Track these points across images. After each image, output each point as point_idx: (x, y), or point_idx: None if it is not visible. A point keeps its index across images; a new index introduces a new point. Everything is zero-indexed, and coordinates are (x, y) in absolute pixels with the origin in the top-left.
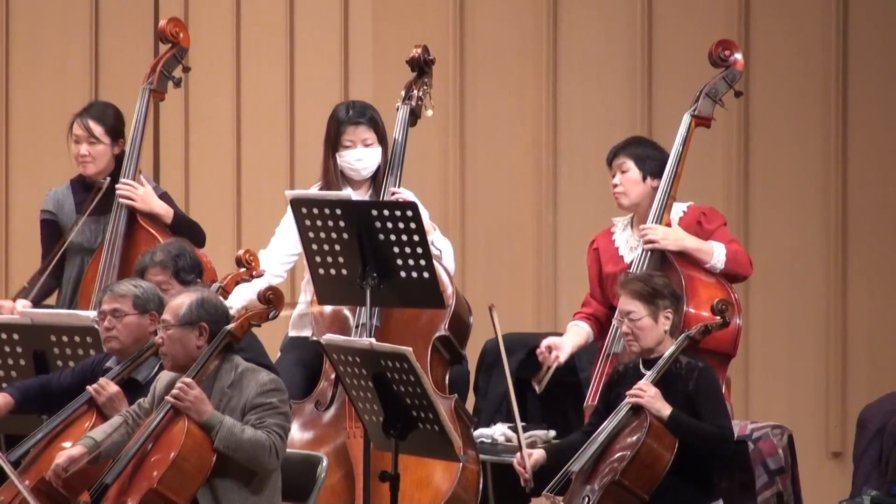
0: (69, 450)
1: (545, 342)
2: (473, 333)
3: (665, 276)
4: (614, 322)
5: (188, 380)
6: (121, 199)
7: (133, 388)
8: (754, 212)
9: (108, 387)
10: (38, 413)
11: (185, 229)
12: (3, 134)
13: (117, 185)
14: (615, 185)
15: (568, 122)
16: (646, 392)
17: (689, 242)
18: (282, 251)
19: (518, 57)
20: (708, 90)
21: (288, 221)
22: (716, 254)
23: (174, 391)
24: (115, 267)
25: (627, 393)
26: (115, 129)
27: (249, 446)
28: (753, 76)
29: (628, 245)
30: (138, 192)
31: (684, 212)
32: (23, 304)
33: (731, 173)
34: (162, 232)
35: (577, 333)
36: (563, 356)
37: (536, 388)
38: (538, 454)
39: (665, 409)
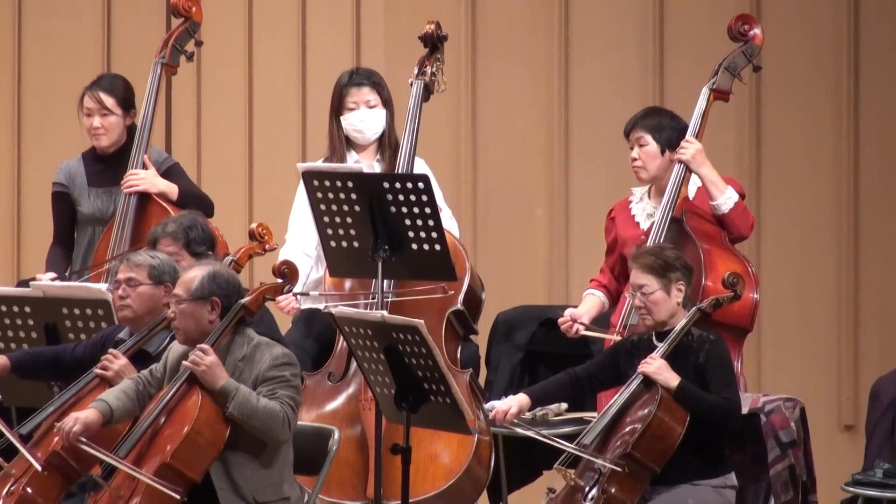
0: (83, 415)
1: (567, 312)
2: (485, 308)
3: (680, 248)
4: (626, 295)
5: (205, 346)
6: (126, 192)
7: (143, 360)
8: (766, 184)
9: (116, 360)
10: (49, 381)
11: (193, 203)
12: (15, 108)
13: (122, 182)
14: (634, 160)
15: (579, 97)
16: (653, 363)
17: (707, 171)
18: (308, 228)
19: (529, 31)
20: (727, 64)
21: (303, 199)
22: (727, 195)
23: (191, 356)
24: (127, 239)
25: (639, 366)
26: (127, 99)
27: (263, 414)
28: (765, 49)
29: (645, 213)
30: (140, 177)
31: (703, 184)
32: (49, 278)
33: (742, 146)
34: (173, 204)
35: (592, 303)
36: (586, 319)
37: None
38: (520, 400)
39: (673, 380)
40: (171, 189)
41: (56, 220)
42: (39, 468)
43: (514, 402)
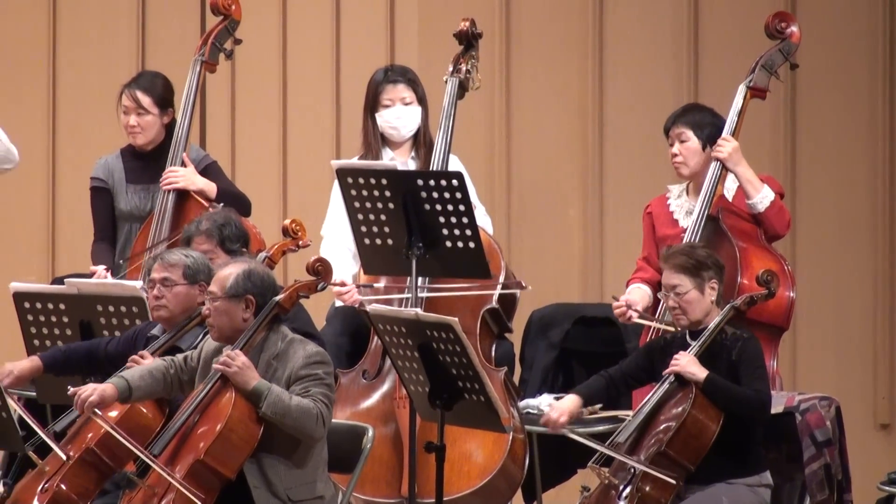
0: (101, 386)
1: (622, 298)
2: (519, 305)
3: (716, 246)
4: (659, 295)
5: (234, 351)
6: (165, 189)
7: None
8: (801, 182)
9: (145, 360)
10: (84, 377)
11: (230, 202)
12: (50, 105)
13: (161, 179)
14: (674, 156)
15: (614, 94)
16: (680, 359)
17: (744, 169)
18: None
19: (564, 28)
20: (764, 62)
21: (339, 196)
22: (763, 193)
23: (222, 358)
24: (165, 236)
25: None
26: (164, 98)
27: (297, 412)
28: (801, 47)
29: (683, 210)
30: (179, 174)
31: (739, 183)
32: (104, 268)
33: (778, 144)
34: (211, 201)
35: (641, 294)
36: (639, 307)
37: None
38: (571, 405)
39: (700, 373)
40: (210, 187)
41: (96, 216)
42: (64, 457)
43: (566, 409)
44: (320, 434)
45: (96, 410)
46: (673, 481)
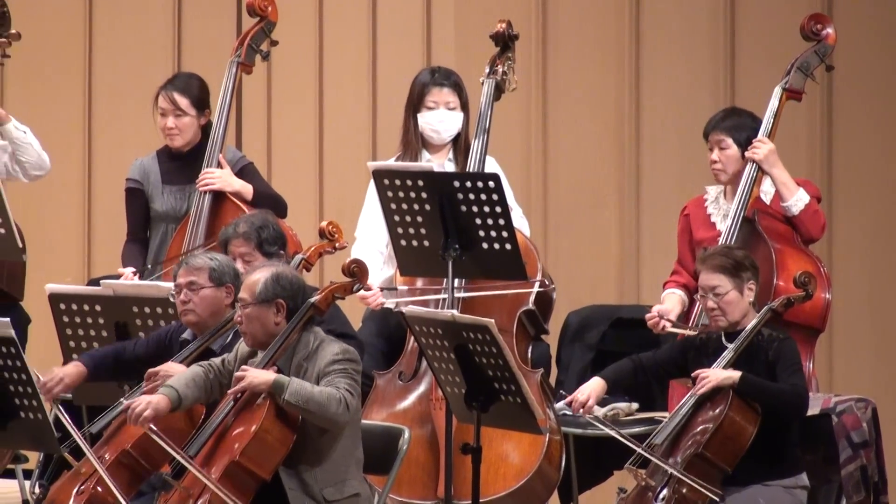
0: (154, 400)
1: (655, 309)
2: (555, 307)
3: (752, 248)
4: (697, 297)
5: (238, 374)
6: (201, 190)
7: (208, 358)
8: (837, 184)
9: (171, 369)
10: (113, 381)
11: (267, 203)
12: (86, 105)
13: (197, 181)
14: (713, 162)
15: (650, 95)
16: (706, 380)
17: (779, 172)
18: (380, 226)
19: (600, 30)
20: (799, 64)
21: (374, 197)
22: (798, 196)
23: (235, 386)
24: (201, 238)
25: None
26: (201, 100)
27: (320, 398)
28: (837, 48)
29: (721, 213)
30: (216, 176)
31: (774, 185)
32: (131, 271)
33: (814, 146)
34: (247, 203)
35: (675, 301)
36: (672, 316)
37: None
38: (596, 387)
39: (733, 374)
40: (246, 189)
41: (130, 217)
42: (102, 471)
43: (592, 392)
44: (345, 419)
45: (152, 427)
46: (713, 496)
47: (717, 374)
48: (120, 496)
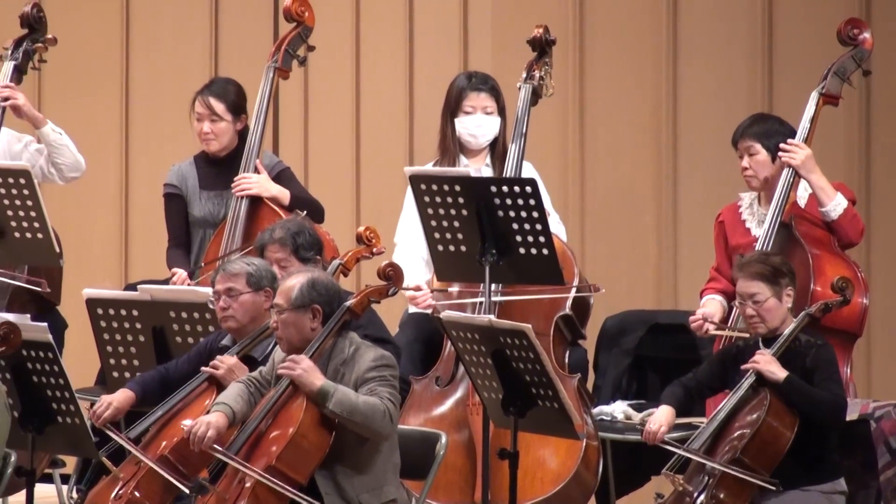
0: (214, 420)
1: (699, 312)
2: (593, 312)
3: (788, 253)
4: (736, 304)
5: (300, 355)
6: (238, 195)
7: (250, 366)
8: (875, 188)
9: (226, 359)
10: (161, 402)
11: (304, 208)
12: (123, 111)
13: (233, 185)
14: (744, 169)
15: (687, 100)
16: (761, 357)
17: (817, 177)
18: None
19: (637, 35)
20: (836, 68)
21: (412, 204)
22: (836, 201)
23: (285, 363)
24: (238, 243)
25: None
26: (237, 105)
27: (364, 408)
28: (875, 53)
29: (756, 219)
30: (253, 181)
31: (812, 190)
32: (183, 275)
33: (852, 151)
34: (284, 208)
35: (716, 306)
36: (716, 319)
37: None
38: (668, 416)
39: (780, 373)
40: (283, 194)
41: (170, 222)
42: (165, 474)
43: (664, 420)
44: (388, 431)
45: (215, 446)
46: (756, 481)
47: (769, 361)
48: (173, 479)
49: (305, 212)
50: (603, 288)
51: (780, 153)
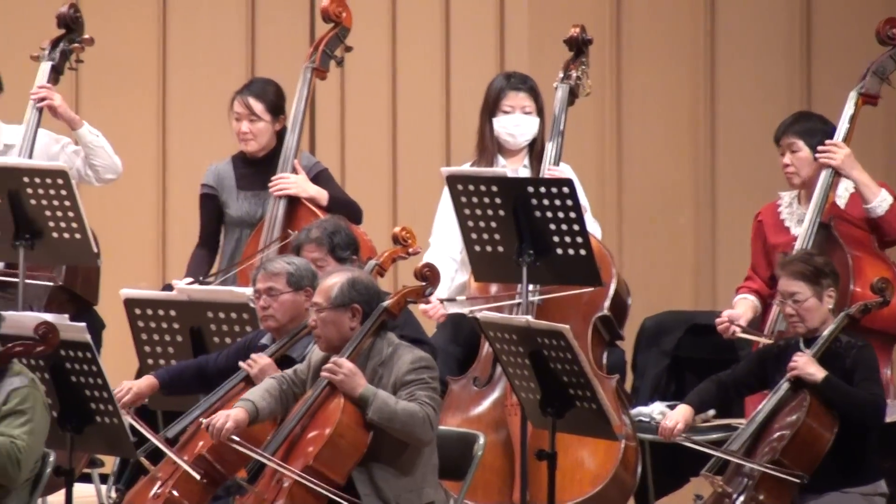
0: (234, 413)
1: (725, 314)
2: (631, 313)
3: (828, 253)
4: (774, 302)
5: (342, 359)
6: (276, 195)
7: (288, 365)
8: None
9: (259, 359)
10: (194, 394)
11: (342, 209)
12: (160, 111)
13: (271, 184)
14: (786, 166)
15: (726, 100)
16: (800, 358)
17: (859, 173)
18: (453, 232)
19: (675, 34)
20: (875, 68)
21: (448, 202)
22: (882, 197)
23: (328, 366)
24: (275, 243)
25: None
26: (276, 105)
27: (404, 416)
28: None
29: (795, 218)
30: (291, 181)
31: (855, 188)
32: (186, 282)
33: (892, 150)
34: (322, 208)
35: (746, 306)
36: (743, 321)
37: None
38: (685, 414)
39: (819, 373)
40: (321, 195)
41: (202, 222)
42: (198, 477)
43: (680, 418)
44: (429, 437)
45: (233, 437)
46: (796, 480)
47: (808, 363)
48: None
49: (343, 215)
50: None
51: (817, 155)
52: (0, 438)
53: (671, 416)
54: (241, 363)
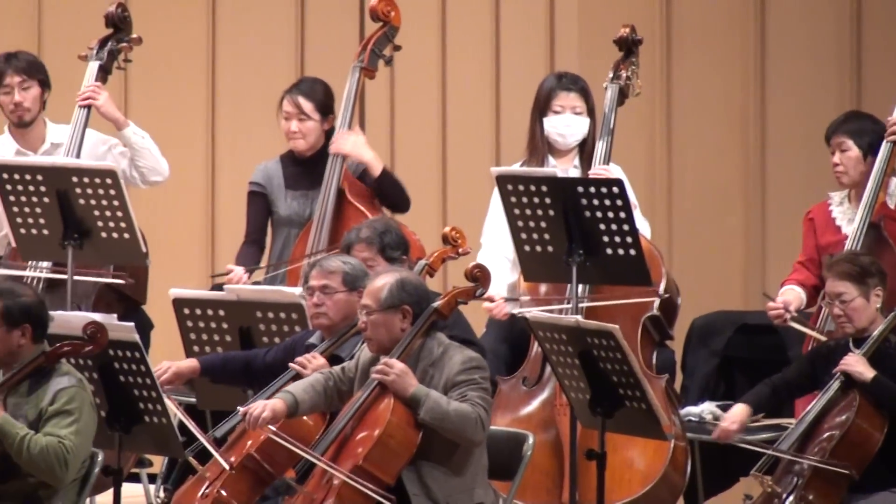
0: (271, 402)
1: (780, 299)
2: (680, 313)
3: (877, 253)
4: (821, 303)
5: (393, 359)
6: (331, 152)
7: (336, 364)
8: None
9: (314, 360)
10: (241, 387)
11: (390, 186)
12: (209, 110)
13: (331, 143)
14: (835, 165)
15: (775, 99)
16: (849, 358)
17: None
18: (506, 231)
19: (725, 34)
20: None
21: (499, 202)
22: None
23: (379, 366)
24: (324, 242)
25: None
26: (325, 104)
27: (455, 417)
28: None
29: (846, 217)
30: (349, 141)
31: None
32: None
33: None
34: (371, 208)
35: (794, 296)
36: (792, 308)
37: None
38: (742, 413)
39: (868, 373)
40: (377, 163)
41: (250, 220)
42: (227, 466)
43: (738, 419)
44: (480, 438)
45: (271, 427)
46: (847, 472)
47: (857, 362)
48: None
49: (390, 195)
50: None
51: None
52: (47, 438)
53: (729, 417)
54: (291, 363)
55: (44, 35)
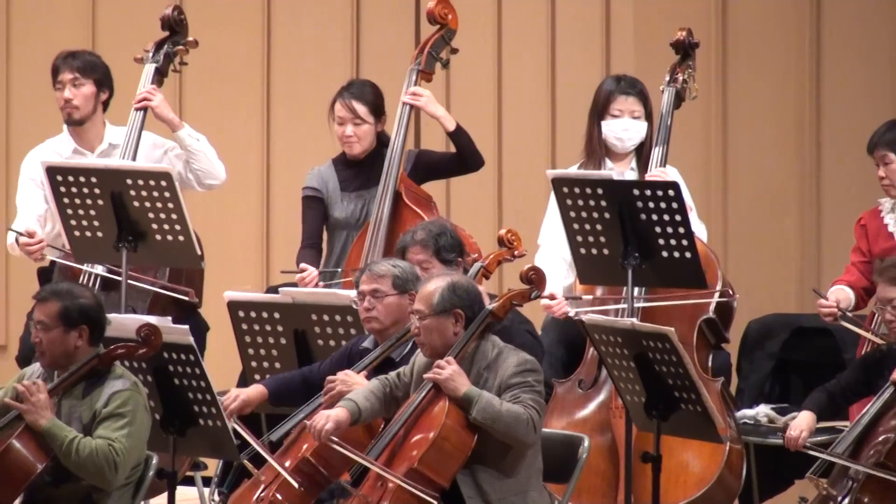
0: (334, 413)
1: (832, 298)
2: (736, 315)
3: None
4: (873, 307)
5: (447, 358)
6: (405, 102)
7: (388, 367)
8: None
9: (348, 378)
10: (299, 403)
11: (466, 139)
12: (264, 113)
13: (408, 93)
14: (881, 178)
15: (831, 102)
16: None
17: None
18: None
19: (781, 37)
20: None
21: (556, 206)
22: None
23: (433, 367)
24: (381, 244)
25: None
26: (377, 106)
27: (508, 417)
28: None
29: None
30: (424, 96)
31: None
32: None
33: None
34: (427, 211)
35: (843, 295)
36: (842, 305)
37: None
38: (809, 421)
39: None
40: (450, 120)
41: (307, 224)
42: (296, 485)
43: (805, 426)
44: (532, 439)
45: (333, 438)
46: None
47: None
48: (289, 477)
49: (466, 147)
50: (737, 294)
51: None
52: (97, 441)
53: (797, 425)
54: (326, 380)
55: (98, 38)
